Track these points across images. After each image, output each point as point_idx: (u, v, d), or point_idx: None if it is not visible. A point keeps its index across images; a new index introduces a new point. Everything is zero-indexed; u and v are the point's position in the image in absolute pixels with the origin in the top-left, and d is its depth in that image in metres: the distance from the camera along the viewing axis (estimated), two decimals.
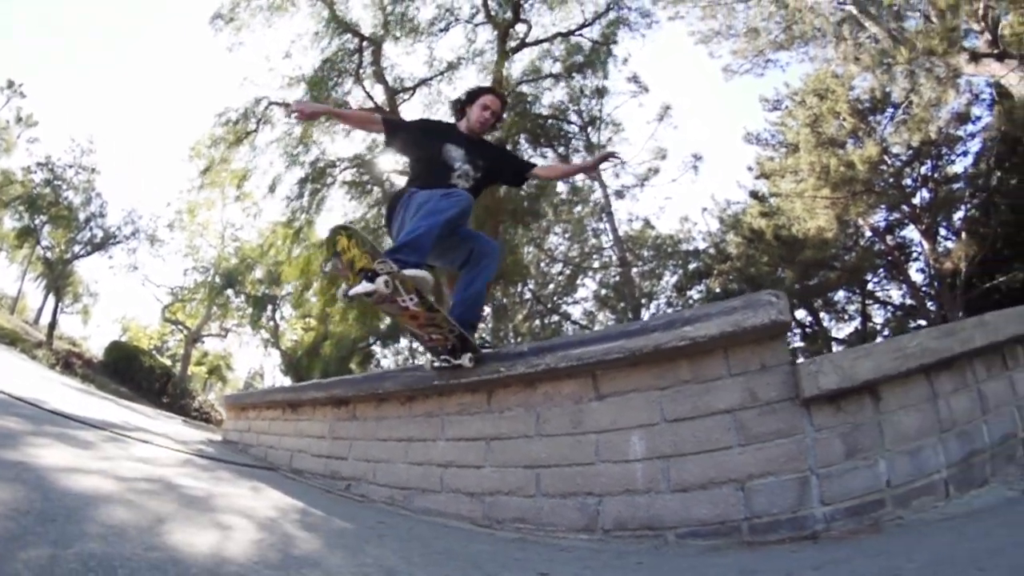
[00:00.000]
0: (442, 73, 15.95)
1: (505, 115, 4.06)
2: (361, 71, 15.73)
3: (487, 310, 23.65)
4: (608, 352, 2.81)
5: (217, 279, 26.88)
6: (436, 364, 3.36)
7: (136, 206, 50.17)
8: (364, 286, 2.84)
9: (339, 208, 17.34)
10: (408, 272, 2.92)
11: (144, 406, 13.12)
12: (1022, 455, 3.00)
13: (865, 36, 14.44)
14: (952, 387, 2.81)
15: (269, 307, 26.90)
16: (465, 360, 3.22)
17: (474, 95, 3.78)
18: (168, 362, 30.08)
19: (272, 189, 16.17)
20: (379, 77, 15.93)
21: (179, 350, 34.28)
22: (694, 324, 2.65)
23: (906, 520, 2.49)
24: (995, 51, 11.46)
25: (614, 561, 2.40)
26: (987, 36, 11.54)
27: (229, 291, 26.32)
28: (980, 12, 11.23)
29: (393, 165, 16.28)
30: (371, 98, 15.81)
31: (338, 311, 16.97)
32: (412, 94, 16.41)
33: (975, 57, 12.11)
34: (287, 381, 26.26)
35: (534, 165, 3.97)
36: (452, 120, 3.90)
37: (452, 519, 3.13)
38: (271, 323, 27.92)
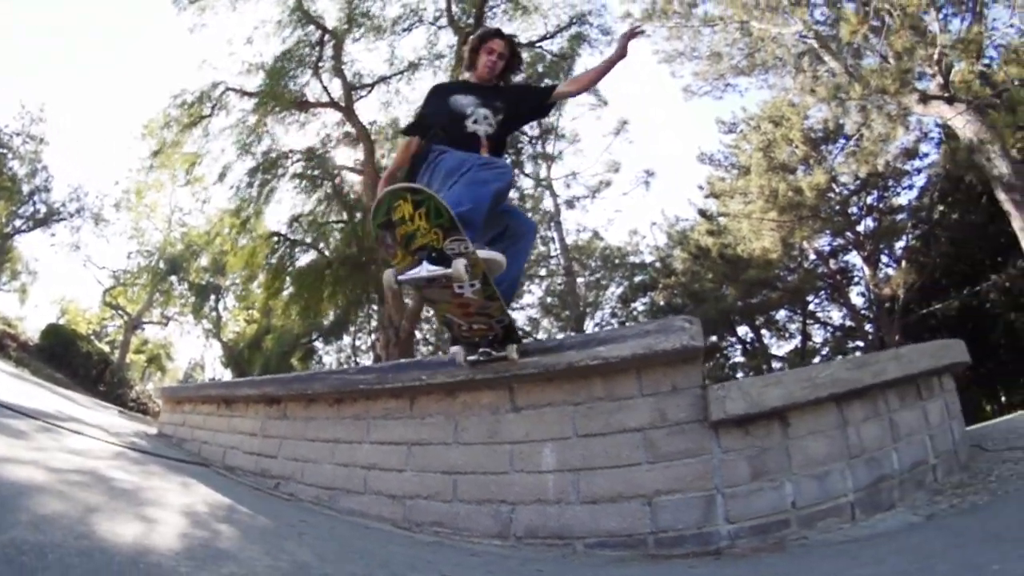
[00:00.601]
0: (402, 72, 15.90)
1: (519, 60, 3.73)
2: (321, 64, 15.58)
3: (430, 311, 23.60)
4: (524, 367, 2.86)
5: (161, 264, 26.00)
6: (472, 358, 2.96)
7: (83, 182, 47.94)
8: (428, 269, 2.34)
9: (288, 201, 17.13)
10: (483, 254, 2.53)
11: (80, 394, 12.69)
12: (932, 481, 3.12)
13: (824, 70, 14.89)
14: (863, 415, 2.91)
15: (212, 297, 26.24)
16: (512, 352, 2.86)
17: (479, 41, 3.51)
18: (106, 348, 28.87)
19: (222, 177, 15.89)
20: (338, 71, 15.79)
21: (118, 337, 32.83)
22: (608, 345, 2.72)
23: (810, 541, 2.58)
24: (945, 95, 11.95)
25: (518, 567, 2.47)
26: (939, 80, 12.02)
27: (173, 278, 25.52)
28: (935, 57, 11.71)
29: (345, 161, 16.21)
30: (327, 92, 15.69)
31: (281, 304, 16.73)
32: (370, 91, 16.31)
33: (925, 99, 12.62)
34: (227, 374, 25.77)
35: (555, 87, 3.64)
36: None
37: (374, 520, 3.15)
38: (213, 313, 27.29)
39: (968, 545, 2.19)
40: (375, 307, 16.62)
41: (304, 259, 16.59)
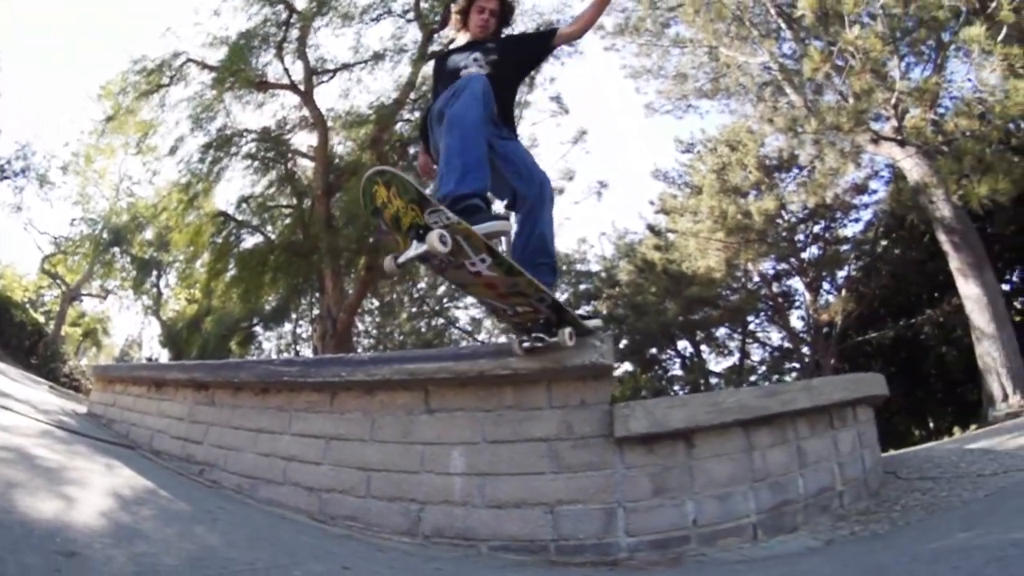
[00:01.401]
0: (366, 62, 15.74)
1: (511, 11, 3.56)
2: (285, 44, 15.32)
3: (374, 302, 23.46)
4: (438, 371, 2.91)
5: (105, 234, 24.51)
6: (527, 344, 2.73)
7: (32, 141, 45.92)
8: (415, 248, 2.26)
9: (238, 181, 16.76)
10: (481, 227, 2.34)
11: (10, 366, 12.25)
12: (838, 507, 3.23)
13: (784, 101, 15.28)
14: (771, 441, 3.01)
15: (154, 273, 25.36)
16: (565, 337, 2.59)
17: (468, 2, 3.44)
18: (42, 319, 27.82)
19: (174, 150, 15.56)
20: (302, 54, 15.57)
21: (55, 307, 31.49)
22: (519, 357, 2.77)
23: (708, 558, 2.67)
24: (898, 137, 12.42)
25: (421, 565, 2.51)
26: (894, 123, 12.50)
27: (115, 249, 24.35)
28: (892, 101, 12.16)
29: (299, 145, 16.01)
30: (288, 74, 15.46)
31: (222, 285, 16.48)
32: (332, 77, 16.12)
33: (877, 139, 13.11)
34: (164, 354, 25.12)
35: (555, 30, 3.52)
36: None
37: (291, 511, 3.15)
38: (154, 290, 26.44)
39: (853, 574, 2.27)
40: (318, 295, 16.43)
41: (249, 242, 16.40)
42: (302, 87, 15.38)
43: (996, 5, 10.38)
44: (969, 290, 12.66)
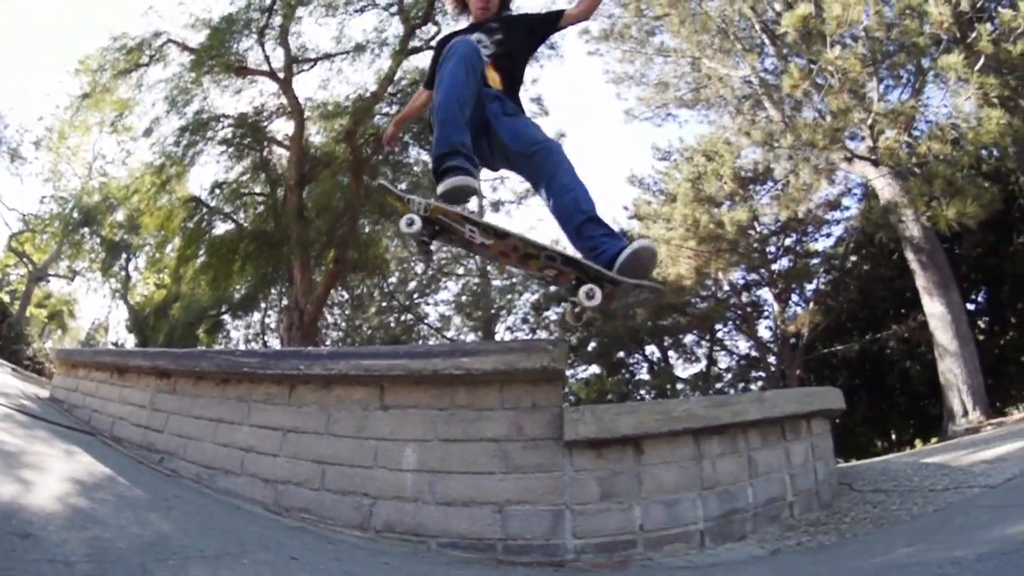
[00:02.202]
0: (347, 53, 15.63)
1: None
2: (267, 30, 15.18)
3: (344, 295, 23.31)
4: (392, 368, 2.94)
5: (75, 214, 23.95)
6: (577, 309, 2.78)
7: (5, 113, 44.82)
8: (402, 226, 2.66)
9: (212, 166, 16.59)
10: (440, 189, 2.60)
11: None
12: (788, 517, 3.28)
13: (763, 115, 15.49)
14: (721, 451, 3.05)
15: (123, 255, 24.89)
16: (582, 296, 2.55)
17: None
18: (6, 298, 27.18)
19: (148, 132, 15.37)
20: (283, 42, 15.45)
21: (20, 287, 30.80)
22: (472, 357, 2.82)
23: (653, 563, 2.71)
24: (872, 157, 12.69)
25: (368, 558, 2.54)
26: (869, 143, 12.76)
27: (85, 229, 23.88)
28: (869, 122, 12.41)
29: (275, 134, 15.86)
30: (268, 61, 15.33)
31: (191, 271, 16.33)
32: (312, 66, 16.03)
33: (851, 157, 13.38)
34: (131, 339, 24.76)
35: (563, 11, 3.42)
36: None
37: (247, 502, 3.15)
38: (123, 273, 25.98)
39: None
40: (287, 286, 16.34)
41: (221, 228, 16.28)
42: (281, 75, 15.27)
43: (976, 35, 10.64)
44: (934, 308, 12.96)
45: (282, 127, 16.51)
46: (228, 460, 3.36)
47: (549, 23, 3.42)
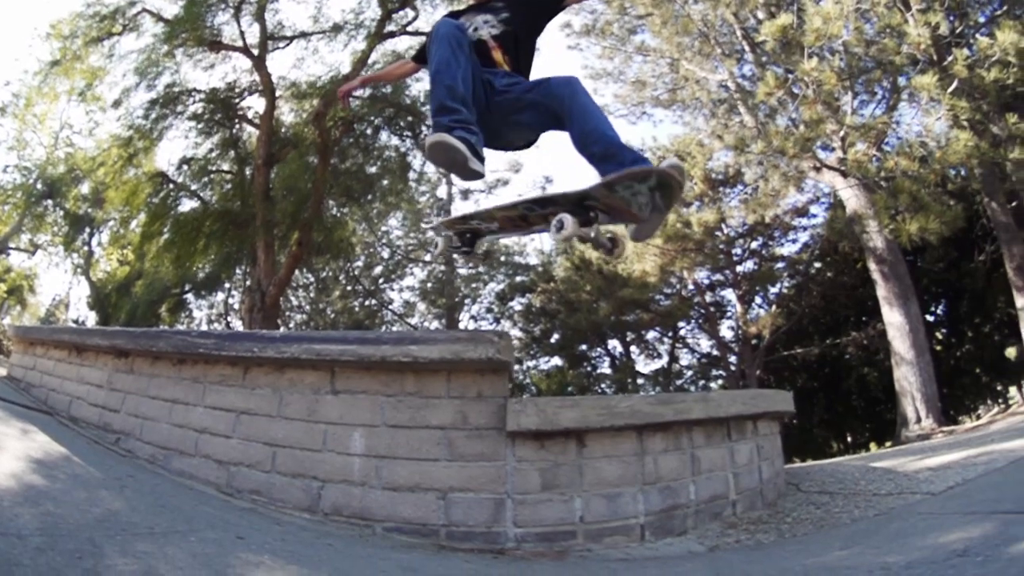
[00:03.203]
0: (324, 32, 15.40)
1: None
2: (244, 5, 14.83)
3: (310, 278, 23.12)
4: (343, 353, 2.98)
5: (39, 185, 23.35)
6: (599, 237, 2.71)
7: None
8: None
9: (181, 142, 16.27)
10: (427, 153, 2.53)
11: None
12: (730, 515, 3.37)
13: (736, 120, 15.66)
14: (664, 447, 3.13)
15: (87, 230, 24.21)
16: (552, 231, 2.49)
17: None
18: None
19: (117, 104, 15.00)
20: (260, 17, 15.10)
21: None
22: (420, 345, 2.87)
23: (593, 554, 2.78)
24: (841, 168, 12.95)
25: (313, 539, 2.58)
26: (839, 154, 13.01)
27: (49, 201, 23.29)
28: (841, 134, 12.66)
29: (245, 112, 15.62)
30: (243, 36, 14.98)
31: (155, 248, 15.98)
32: (288, 44, 15.74)
33: (820, 168, 13.64)
34: (92, 317, 24.22)
35: None
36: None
37: (200, 483, 3.17)
38: (85, 248, 25.23)
39: None
40: (251, 266, 16.11)
41: (186, 205, 15.96)
42: (256, 51, 14.95)
43: (952, 59, 10.90)
44: (893, 318, 13.30)
45: (253, 105, 16.29)
46: (183, 441, 3.38)
47: (554, 1, 3.33)
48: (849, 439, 22.16)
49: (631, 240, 2.65)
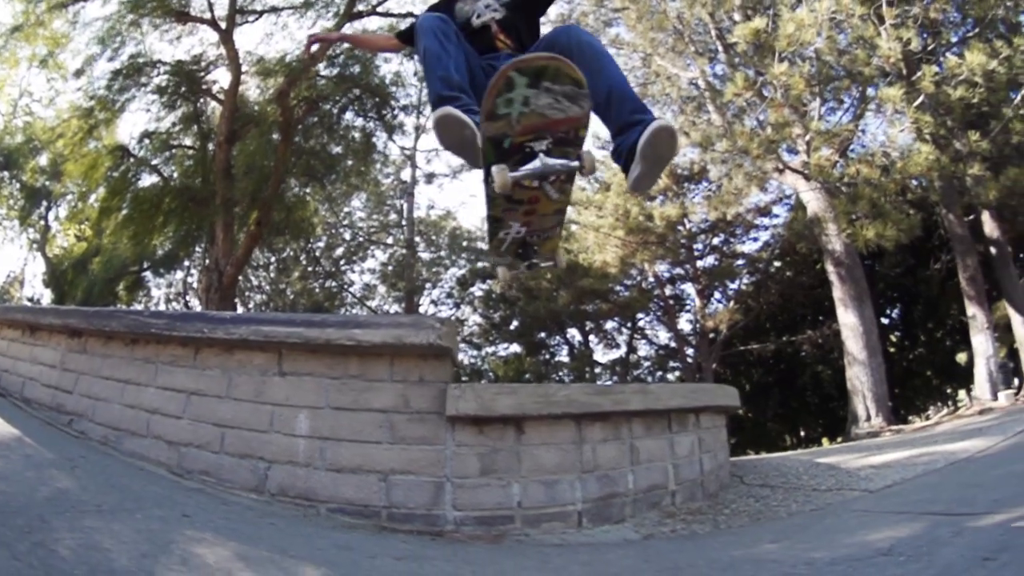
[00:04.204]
0: (295, 8, 15.13)
1: None
2: None
3: (271, 258, 22.85)
4: (289, 336, 3.02)
5: None
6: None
7: None
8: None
9: (143, 115, 15.87)
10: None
11: None
12: (669, 504, 3.48)
13: (704, 118, 15.84)
14: (603, 437, 3.22)
15: (44, 203, 23.40)
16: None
17: None
18: None
19: (79, 73, 14.62)
20: None
21: None
22: (364, 329, 2.93)
23: (529, 539, 2.87)
24: (804, 171, 13.23)
25: (257, 519, 2.63)
26: (803, 157, 13.28)
27: (5, 173, 22.52)
28: (807, 138, 12.93)
29: (210, 86, 15.34)
30: (211, 8, 14.66)
31: (113, 224, 15.65)
32: (257, 18, 15.45)
33: (782, 169, 13.92)
34: (48, 295, 23.60)
35: None
36: None
37: (151, 464, 3.18)
38: (42, 223, 24.44)
39: (643, 571, 2.47)
40: (210, 245, 15.80)
41: (147, 181, 15.61)
42: (223, 24, 14.60)
43: (921, 75, 11.20)
44: (848, 319, 13.66)
45: (219, 79, 16.00)
46: (135, 422, 3.38)
47: None
48: (802, 434, 22.74)
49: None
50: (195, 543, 2.07)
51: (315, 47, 3.52)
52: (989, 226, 14.62)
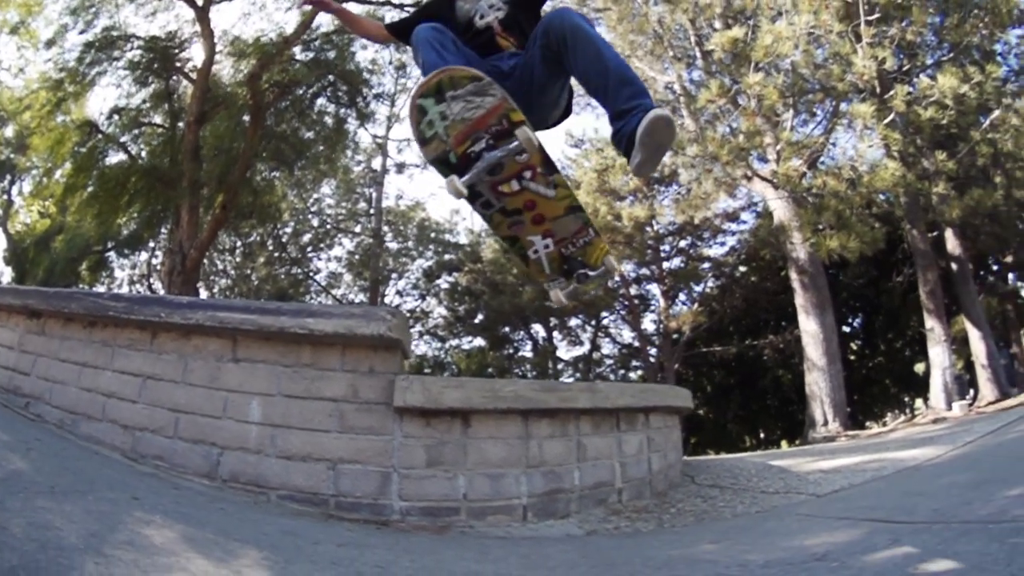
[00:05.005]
0: None
1: None
2: None
3: (238, 244, 22.52)
4: (244, 322, 3.05)
5: None
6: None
7: None
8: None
9: (114, 90, 15.46)
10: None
11: None
12: (615, 502, 3.55)
13: (678, 122, 16.04)
14: (550, 433, 3.30)
15: (7, 177, 22.66)
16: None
17: None
18: None
19: (51, 43, 14.26)
20: None
21: None
22: (316, 318, 2.98)
23: (474, 531, 2.93)
24: (773, 180, 13.47)
25: (206, 503, 2.67)
26: (772, 166, 13.51)
27: None
28: (778, 147, 13.16)
29: (183, 64, 15.09)
30: None
31: (78, 201, 15.32)
32: None
33: (751, 177, 14.16)
34: (8, 273, 22.99)
35: None
36: None
37: (106, 448, 3.17)
38: (5, 197, 23.78)
39: (579, 565, 2.51)
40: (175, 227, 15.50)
41: (114, 158, 15.27)
42: (200, 1, 14.37)
43: (893, 94, 11.46)
44: (809, 326, 13.98)
45: (193, 58, 15.66)
46: (91, 405, 3.37)
47: None
48: (762, 435, 23.14)
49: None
50: (143, 524, 2.09)
51: (307, 8, 3.39)
52: (952, 243, 15.06)
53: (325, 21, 14.62)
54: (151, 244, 20.56)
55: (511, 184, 2.36)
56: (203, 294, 20.34)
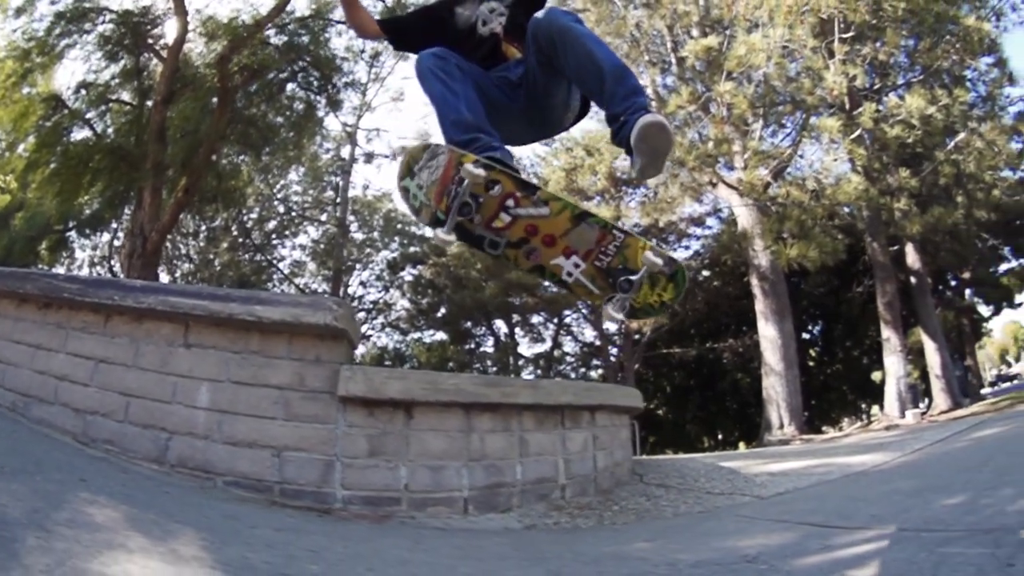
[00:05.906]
0: None
1: None
2: None
3: (201, 228, 22.20)
4: (195, 308, 3.07)
5: None
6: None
7: None
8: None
9: (82, 63, 14.93)
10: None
11: None
12: (558, 498, 3.62)
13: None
14: (492, 427, 3.39)
15: None
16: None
17: None
18: None
19: (20, 12, 13.81)
20: None
21: None
22: (264, 306, 3.02)
23: (415, 521, 3.00)
24: (738, 187, 13.73)
25: (152, 487, 2.70)
26: (739, 174, 13.77)
27: None
28: (744, 155, 13.40)
29: (154, 42, 14.82)
30: None
31: (40, 177, 14.90)
32: None
33: (716, 183, 14.43)
34: None
35: None
36: None
37: (58, 432, 3.17)
38: None
39: (510, 558, 2.58)
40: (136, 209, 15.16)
41: (78, 135, 14.89)
42: None
43: (863, 110, 11.76)
44: (768, 331, 14.30)
45: (164, 35, 15.32)
46: (43, 388, 3.35)
47: None
48: (720, 436, 23.60)
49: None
50: (87, 504, 2.12)
51: None
52: (912, 257, 15.50)
53: (300, 5, 14.52)
54: (113, 225, 20.09)
55: (501, 217, 2.30)
56: (164, 278, 20.01)
